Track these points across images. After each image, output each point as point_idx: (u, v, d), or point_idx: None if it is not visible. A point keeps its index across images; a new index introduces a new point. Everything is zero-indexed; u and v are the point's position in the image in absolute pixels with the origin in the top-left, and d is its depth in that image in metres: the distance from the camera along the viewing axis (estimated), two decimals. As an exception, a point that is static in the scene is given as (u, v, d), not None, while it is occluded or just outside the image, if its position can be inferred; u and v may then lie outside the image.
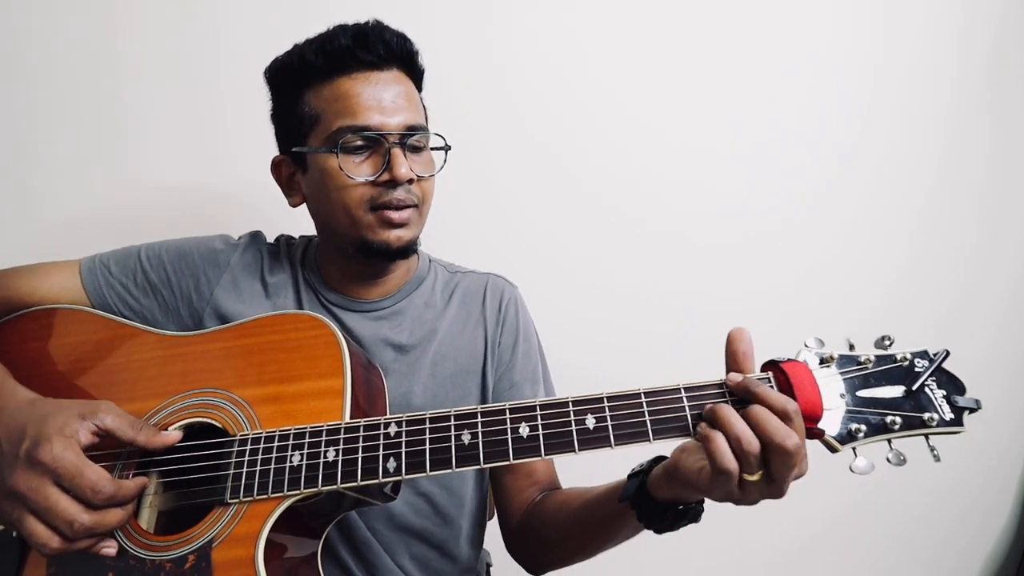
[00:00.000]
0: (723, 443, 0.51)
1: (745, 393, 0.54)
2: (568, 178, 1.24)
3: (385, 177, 0.73)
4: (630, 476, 0.66)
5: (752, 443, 0.50)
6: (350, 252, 0.79)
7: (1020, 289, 1.44)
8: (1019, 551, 1.48)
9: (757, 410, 0.52)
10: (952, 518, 1.43)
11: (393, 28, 0.78)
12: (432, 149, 0.81)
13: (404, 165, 0.73)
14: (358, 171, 0.74)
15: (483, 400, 0.85)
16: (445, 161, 0.81)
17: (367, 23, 0.76)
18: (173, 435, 0.61)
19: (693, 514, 0.62)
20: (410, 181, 0.75)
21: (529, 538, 0.83)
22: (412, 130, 0.76)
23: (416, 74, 0.81)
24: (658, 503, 0.62)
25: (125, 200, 1.11)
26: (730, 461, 0.51)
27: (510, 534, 0.87)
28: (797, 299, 1.32)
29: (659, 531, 0.64)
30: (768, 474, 0.52)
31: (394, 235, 0.76)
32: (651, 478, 0.62)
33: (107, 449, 0.60)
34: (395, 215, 0.75)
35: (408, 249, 0.79)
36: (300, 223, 0.95)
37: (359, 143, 0.74)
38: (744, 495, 0.53)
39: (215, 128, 1.13)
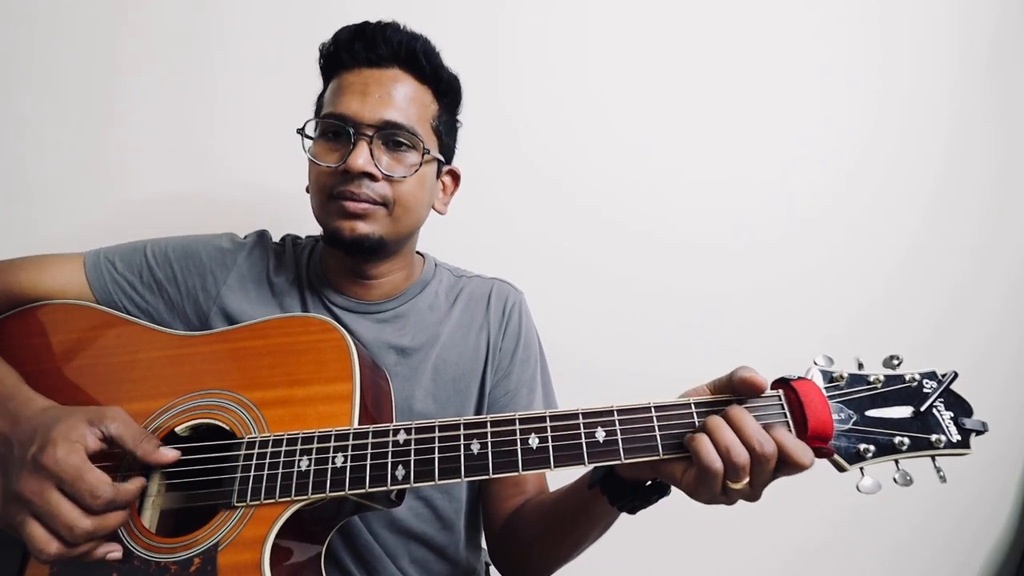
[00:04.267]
0: (708, 443, 0.52)
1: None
2: (571, 180, 1.24)
3: (343, 167, 0.73)
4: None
5: (741, 454, 0.52)
6: (326, 242, 0.81)
7: (1020, 289, 1.45)
8: (1019, 552, 1.49)
9: (736, 412, 0.53)
10: (952, 520, 1.44)
11: (403, 29, 0.78)
12: (429, 160, 0.78)
13: (363, 157, 0.72)
14: (325, 158, 0.75)
15: (480, 406, 0.85)
16: (420, 166, 0.76)
17: (377, 22, 0.77)
18: (171, 453, 0.60)
19: (663, 487, 0.62)
20: (371, 177, 0.73)
21: (509, 542, 0.84)
22: (390, 126, 0.74)
23: (426, 77, 0.79)
24: (627, 483, 0.62)
25: (126, 203, 1.11)
26: (715, 460, 0.52)
27: (492, 540, 0.87)
28: (800, 300, 1.33)
29: (633, 511, 0.64)
30: (750, 481, 0.53)
31: (347, 225, 0.75)
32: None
33: (115, 452, 0.60)
34: (350, 204, 0.74)
35: (366, 243, 0.76)
36: (301, 224, 0.94)
37: (332, 131, 0.75)
38: (727, 499, 0.55)
39: (217, 130, 1.13)
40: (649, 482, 0.62)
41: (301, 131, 0.77)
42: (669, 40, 1.25)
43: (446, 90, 0.82)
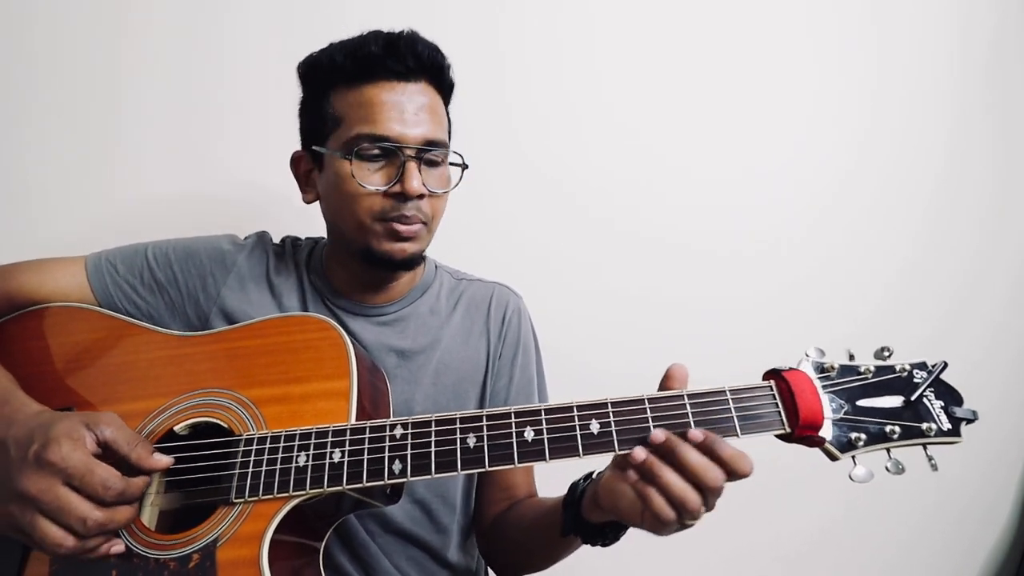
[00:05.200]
0: (661, 499, 0.53)
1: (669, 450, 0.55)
2: (572, 185, 1.25)
3: (396, 189, 0.73)
4: (565, 506, 0.69)
5: (695, 500, 0.53)
6: (356, 257, 0.79)
7: (1020, 290, 1.45)
8: (1019, 551, 1.49)
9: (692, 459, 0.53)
10: (952, 519, 1.44)
11: (425, 40, 0.77)
12: (450, 164, 0.80)
13: (417, 179, 0.72)
14: (371, 180, 0.73)
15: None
16: (460, 179, 0.80)
17: (400, 32, 0.76)
18: (165, 459, 0.60)
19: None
20: (420, 197, 0.74)
21: (495, 543, 0.87)
22: (431, 145, 0.75)
23: (444, 88, 0.80)
24: (596, 525, 0.65)
25: (127, 203, 1.12)
26: (669, 513, 0.53)
27: (480, 539, 0.90)
28: (798, 302, 1.33)
29: (605, 545, 0.67)
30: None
31: (398, 247, 0.76)
32: (584, 507, 0.65)
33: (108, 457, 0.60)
34: (402, 228, 0.74)
35: (412, 262, 0.78)
36: (304, 225, 0.95)
37: (375, 152, 0.73)
38: (688, 527, 0.56)
39: (217, 130, 1.14)
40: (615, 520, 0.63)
41: (348, 155, 0.73)
42: (672, 42, 1.27)
43: (450, 97, 0.83)
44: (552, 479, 0.78)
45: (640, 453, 0.55)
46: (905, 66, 1.34)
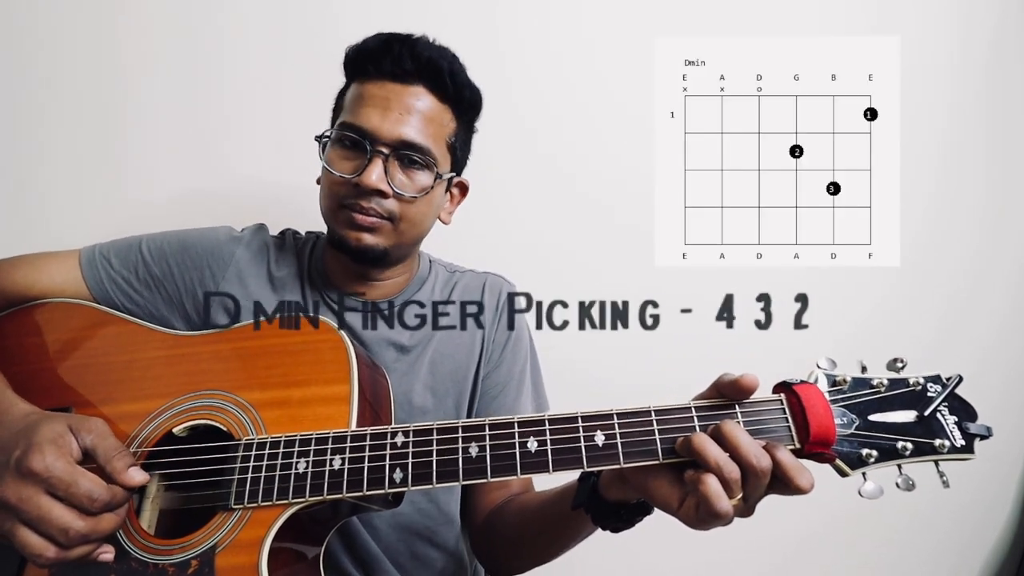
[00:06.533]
0: (717, 485, 0.50)
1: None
2: (571, 182, 1.24)
3: (355, 180, 0.73)
4: (580, 479, 0.66)
5: (734, 471, 0.50)
6: (332, 245, 0.81)
7: (1020, 290, 1.44)
8: (1019, 551, 1.50)
9: (729, 427, 0.51)
10: (951, 518, 1.44)
11: (433, 45, 0.77)
12: (441, 183, 0.79)
13: (376, 174, 0.73)
14: (339, 167, 0.75)
15: (474, 397, 0.86)
16: (432, 187, 0.77)
17: (407, 35, 0.77)
18: (140, 477, 0.56)
19: (646, 508, 0.62)
20: (383, 195, 0.74)
21: (491, 538, 0.84)
22: (407, 146, 0.74)
23: (449, 96, 0.78)
24: (611, 504, 0.62)
25: (128, 201, 1.11)
26: (726, 505, 0.50)
27: (473, 534, 0.88)
28: (798, 303, 1.32)
29: (616, 530, 0.64)
30: (743, 496, 0.52)
31: (354, 235, 0.76)
32: (602, 480, 0.62)
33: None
34: (360, 217, 0.75)
35: (370, 254, 0.77)
36: (303, 219, 0.94)
37: (348, 142, 0.75)
38: (724, 521, 0.52)
39: (217, 127, 1.13)
40: (633, 502, 0.61)
41: (320, 138, 0.78)
42: (675, 43, 1.22)
43: (467, 108, 0.82)
44: (551, 482, 0.77)
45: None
46: (904, 66, 1.31)
